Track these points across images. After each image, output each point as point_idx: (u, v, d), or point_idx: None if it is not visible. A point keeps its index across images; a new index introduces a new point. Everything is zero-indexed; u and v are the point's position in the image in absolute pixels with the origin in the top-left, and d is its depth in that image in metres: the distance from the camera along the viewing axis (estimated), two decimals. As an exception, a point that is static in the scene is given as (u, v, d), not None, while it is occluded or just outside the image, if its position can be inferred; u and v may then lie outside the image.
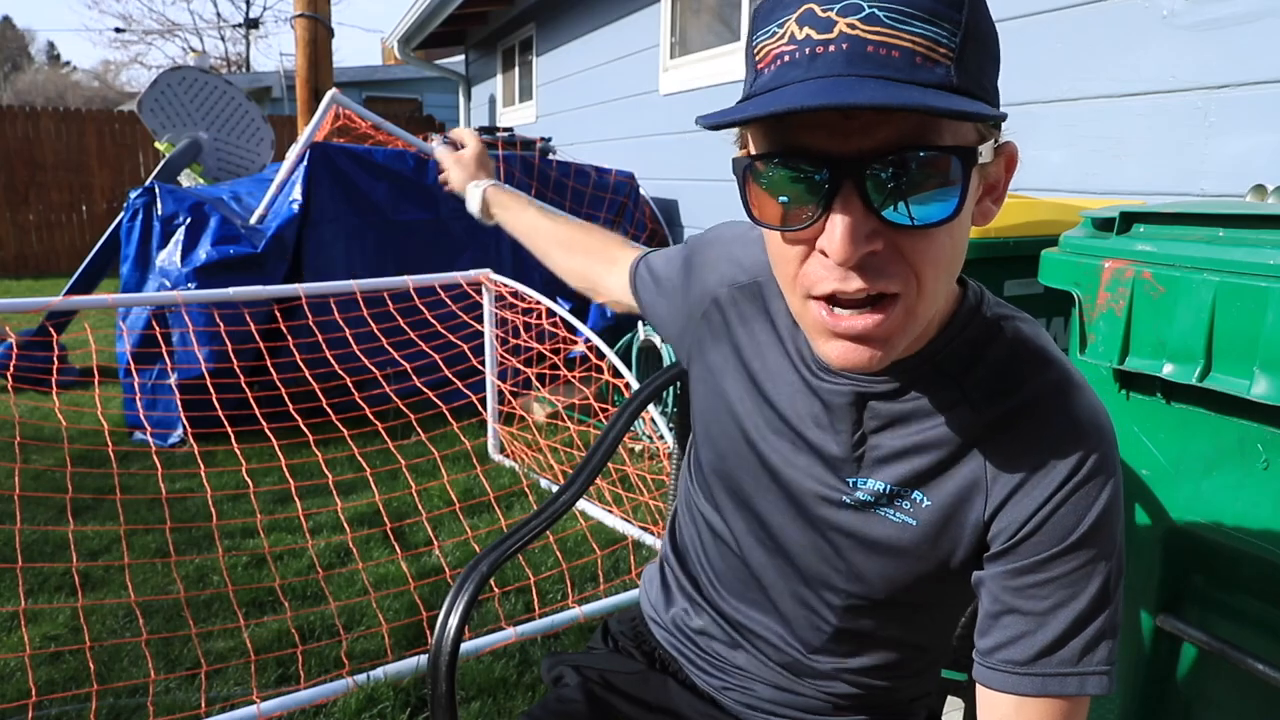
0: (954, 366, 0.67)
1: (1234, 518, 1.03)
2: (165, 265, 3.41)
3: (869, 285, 0.56)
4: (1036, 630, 0.63)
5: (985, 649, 0.66)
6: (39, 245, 9.07)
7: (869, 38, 0.51)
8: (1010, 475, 0.65)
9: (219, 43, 24.50)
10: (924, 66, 0.52)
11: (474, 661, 1.89)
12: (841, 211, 0.54)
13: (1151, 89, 2.06)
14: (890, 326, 0.58)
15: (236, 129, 5.03)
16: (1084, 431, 0.64)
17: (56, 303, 2.34)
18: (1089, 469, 0.63)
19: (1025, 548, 0.64)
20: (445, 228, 3.93)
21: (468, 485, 2.88)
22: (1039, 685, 0.63)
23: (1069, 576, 0.63)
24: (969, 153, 0.54)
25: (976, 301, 0.69)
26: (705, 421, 0.83)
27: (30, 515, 2.66)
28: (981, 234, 1.49)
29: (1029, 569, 0.64)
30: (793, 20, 0.53)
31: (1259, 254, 0.96)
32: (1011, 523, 0.64)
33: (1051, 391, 0.65)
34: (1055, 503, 0.63)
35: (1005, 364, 0.67)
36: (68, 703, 1.75)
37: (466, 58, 9.17)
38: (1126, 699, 1.21)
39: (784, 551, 0.77)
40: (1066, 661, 0.63)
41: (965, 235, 0.60)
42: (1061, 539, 0.63)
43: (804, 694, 0.82)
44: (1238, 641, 1.06)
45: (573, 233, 1.08)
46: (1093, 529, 0.63)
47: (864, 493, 0.71)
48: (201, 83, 4.88)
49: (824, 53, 0.52)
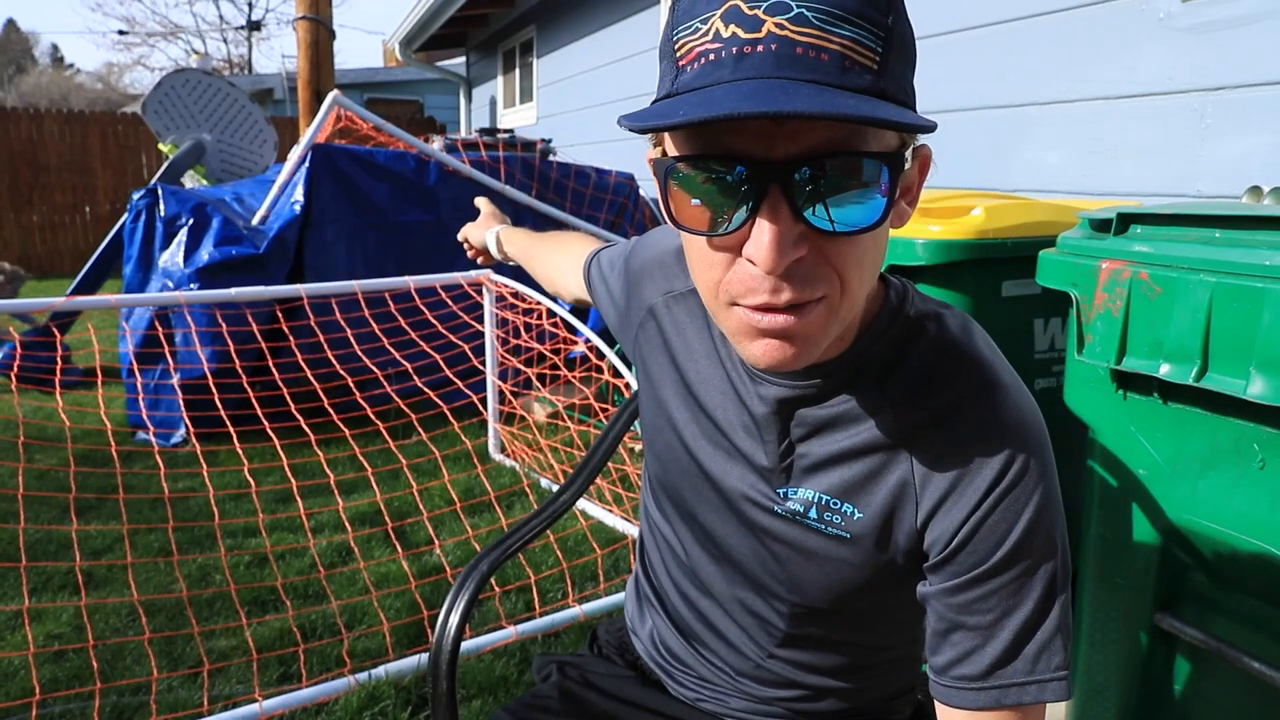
0: (876, 369, 0.66)
1: (1231, 517, 1.04)
2: (168, 266, 3.42)
3: (796, 295, 0.55)
4: (985, 644, 0.62)
5: (938, 667, 0.65)
6: (42, 246, 9.09)
7: (798, 39, 0.49)
8: (938, 482, 0.63)
9: (221, 45, 24.54)
10: (852, 71, 0.50)
11: (475, 660, 1.89)
12: (769, 218, 0.52)
13: (1148, 91, 2.07)
14: (812, 326, 0.57)
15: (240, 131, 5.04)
16: (1008, 434, 0.62)
17: (60, 303, 2.35)
18: (1014, 474, 0.61)
19: (961, 559, 0.63)
20: (446, 228, 3.94)
21: (468, 485, 2.89)
22: (995, 698, 0.62)
23: (1009, 587, 0.62)
24: (895, 158, 0.53)
25: (899, 300, 0.67)
26: (649, 432, 0.83)
27: (34, 514, 2.66)
28: (979, 235, 1.50)
29: (968, 584, 0.63)
30: (717, 16, 0.51)
31: (1255, 255, 0.97)
32: (944, 532, 0.63)
33: (974, 393, 0.63)
34: (984, 510, 0.62)
35: (928, 365, 0.65)
36: (71, 701, 1.76)
37: (467, 59, 9.18)
38: (1123, 697, 1.21)
39: (729, 560, 0.77)
40: (1020, 671, 0.62)
41: (886, 238, 0.60)
42: (994, 549, 0.62)
43: (773, 700, 0.82)
44: (1234, 640, 1.06)
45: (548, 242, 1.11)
46: (1025, 535, 0.61)
47: (795, 502, 0.70)
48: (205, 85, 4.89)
49: (751, 53, 0.50)
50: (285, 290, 2.58)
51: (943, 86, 2.70)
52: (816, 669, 0.79)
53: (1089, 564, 1.23)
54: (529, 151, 4.53)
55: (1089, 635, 1.25)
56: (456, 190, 3.95)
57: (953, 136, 2.65)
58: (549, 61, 6.62)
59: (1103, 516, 1.21)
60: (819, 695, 0.81)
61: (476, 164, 4.08)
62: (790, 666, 0.79)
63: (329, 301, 3.05)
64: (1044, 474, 0.63)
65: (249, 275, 3.34)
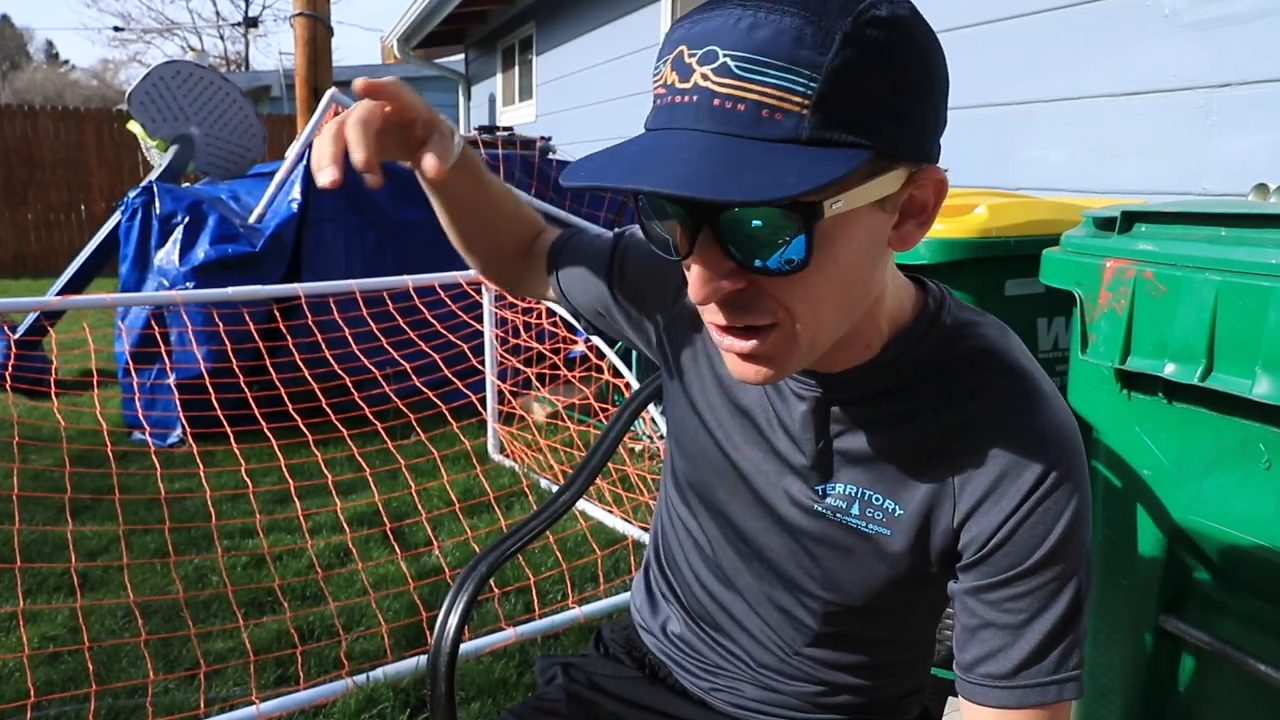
0: (913, 374, 0.67)
1: (1236, 518, 1.03)
2: (164, 265, 3.41)
3: (734, 320, 0.57)
4: (1014, 643, 0.64)
5: (965, 663, 0.67)
6: (37, 244, 9.07)
7: (716, 90, 0.51)
8: (976, 484, 0.65)
9: (218, 41, 24.53)
10: (770, 120, 0.50)
11: (474, 662, 1.89)
12: (699, 256, 0.55)
13: (1152, 88, 2.06)
14: (774, 348, 0.58)
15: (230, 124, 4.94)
16: (1050, 442, 0.64)
17: (56, 302, 2.34)
18: (1054, 480, 0.63)
19: (996, 560, 0.65)
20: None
21: (468, 485, 2.88)
22: (1020, 697, 0.64)
23: (1043, 590, 0.64)
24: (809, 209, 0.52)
25: (936, 308, 0.68)
26: (677, 430, 0.83)
27: (29, 515, 2.65)
28: (982, 233, 1.49)
29: (1002, 583, 0.65)
30: (669, 62, 0.54)
31: (1261, 253, 0.96)
32: (981, 533, 0.65)
33: (1016, 401, 0.65)
34: (1022, 514, 0.63)
35: (967, 372, 0.66)
36: (66, 703, 1.75)
37: (466, 57, 9.17)
38: (1128, 699, 1.21)
39: (760, 557, 0.78)
40: (1044, 671, 0.64)
41: (853, 268, 0.58)
42: (1031, 552, 0.64)
43: (791, 693, 0.83)
44: (1239, 642, 1.06)
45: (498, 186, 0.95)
46: (1061, 541, 0.63)
47: (835, 498, 0.71)
48: (196, 77, 4.78)
49: (680, 103, 0.53)
50: (282, 289, 2.57)
51: (943, 84, 2.69)
52: (839, 666, 0.80)
53: (1093, 565, 1.22)
54: (528, 149, 4.52)
55: (1093, 636, 1.24)
56: (455, 188, 3.94)
57: (955, 134, 2.64)
58: (548, 59, 6.61)
59: (1107, 517, 1.20)
60: (836, 691, 0.82)
61: (475, 162, 4.06)
62: (815, 664, 0.80)
63: (327, 301, 3.04)
64: (1080, 482, 0.65)
65: (245, 274, 3.33)
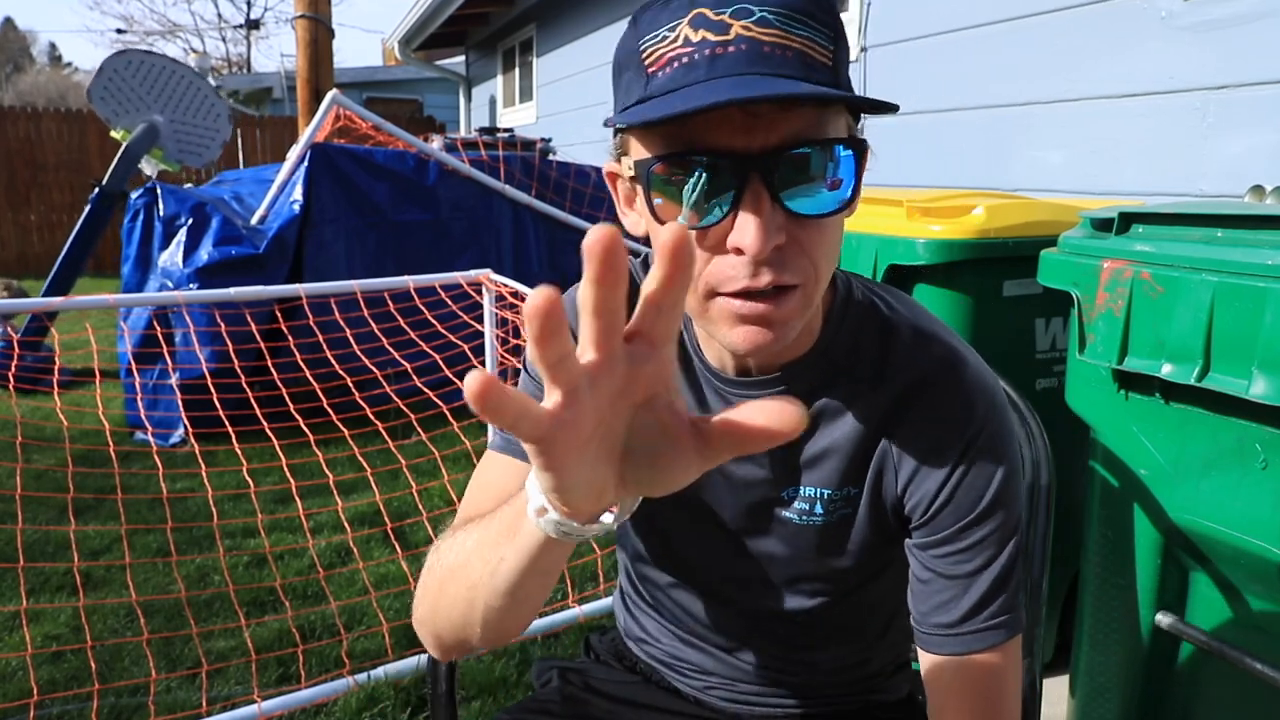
0: (843, 357, 0.69)
1: (1233, 517, 1.04)
2: (167, 266, 3.42)
3: (776, 278, 0.58)
4: (964, 594, 0.68)
5: (919, 615, 0.70)
6: (40, 245, 9.08)
7: (764, 39, 0.54)
8: (913, 451, 0.68)
9: (220, 44, 24.50)
10: (815, 66, 0.55)
11: (474, 661, 1.89)
12: (751, 207, 0.55)
13: (1150, 90, 2.07)
14: (789, 311, 0.60)
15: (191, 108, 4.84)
16: (975, 404, 0.67)
17: (58, 303, 2.34)
18: (985, 438, 0.67)
19: (940, 520, 0.68)
20: (445, 228, 3.93)
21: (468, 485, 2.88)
22: (968, 643, 0.68)
23: (985, 541, 0.67)
24: (861, 144, 0.58)
25: (847, 289, 0.71)
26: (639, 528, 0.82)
27: (31, 515, 2.66)
28: (980, 234, 1.49)
29: (947, 539, 0.68)
30: (685, 24, 0.55)
31: (1257, 254, 0.97)
32: (923, 497, 0.68)
33: (940, 367, 0.68)
34: (959, 474, 0.67)
35: (890, 345, 0.69)
36: (69, 702, 1.75)
37: (467, 58, 9.18)
38: (1125, 697, 1.21)
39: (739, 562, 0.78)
40: (989, 616, 0.67)
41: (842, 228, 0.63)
42: (971, 508, 0.67)
43: (785, 683, 0.84)
44: (1236, 640, 1.06)
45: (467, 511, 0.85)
46: (998, 495, 0.67)
47: (801, 500, 0.72)
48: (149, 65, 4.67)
49: (723, 54, 0.54)
50: (284, 290, 2.58)
51: (944, 85, 2.70)
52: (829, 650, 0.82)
53: (1091, 564, 1.23)
54: (529, 151, 4.52)
55: (1090, 635, 1.25)
56: (456, 190, 3.95)
57: (954, 136, 2.65)
58: (549, 60, 6.62)
59: (1104, 517, 1.20)
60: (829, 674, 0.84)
61: (476, 163, 4.07)
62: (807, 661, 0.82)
63: (328, 301, 3.04)
64: (1007, 438, 0.69)
65: (248, 275, 3.34)
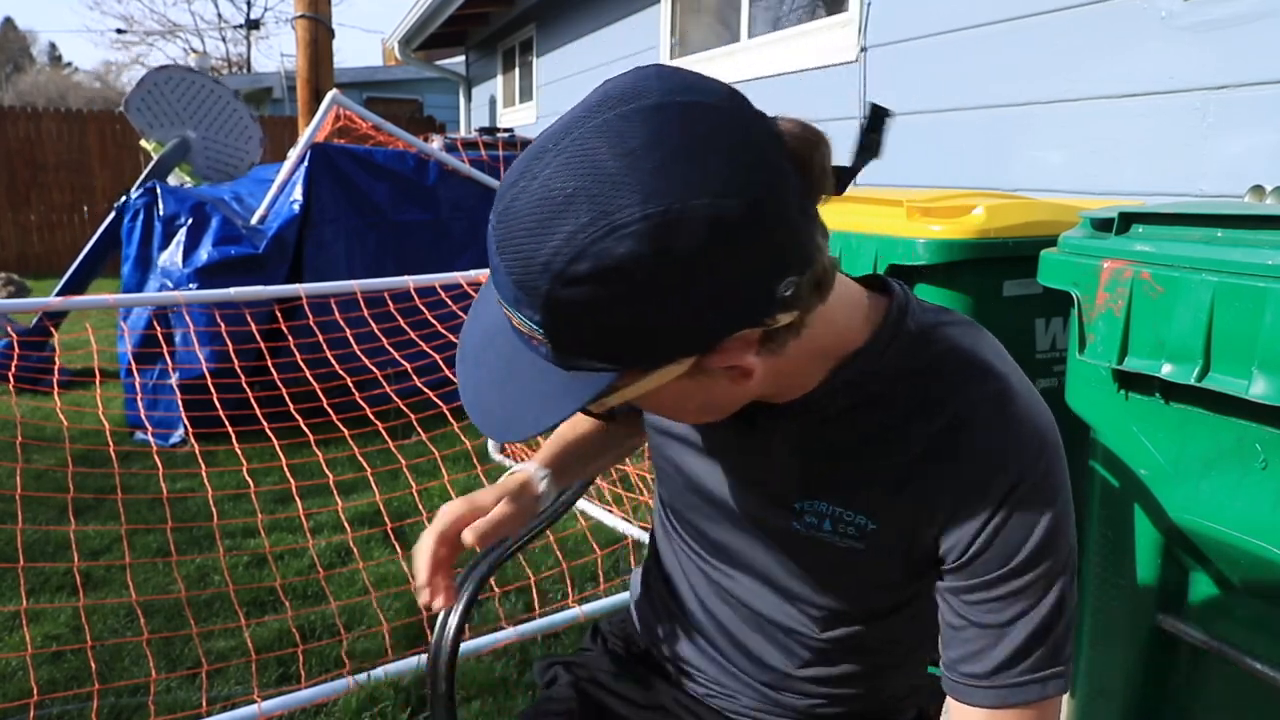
0: (880, 387, 0.65)
1: (1233, 518, 1.03)
2: (167, 266, 3.42)
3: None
4: (996, 644, 0.63)
5: (949, 661, 0.66)
6: (40, 245, 9.08)
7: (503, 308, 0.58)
8: (953, 493, 0.63)
9: (220, 44, 24.49)
10: (533, 343, 0.56)
11: (474, 661, 1.89)
12: None
13: (1150, 90, 2.06)
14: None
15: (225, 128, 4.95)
16: (1024, 445, 0.62)
17: (59, 303, 2.35)
18: (1033, 481, 0.62)
19: (978, 565, 0.63)
20: (445, 228, 3.93)
21: (468, 485, 2.88)
22: (1001, 697, 0.63)
23: (1025, 592, 0.62)
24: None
25: (900, 314, 0.66)
26: (656, 455, 0.84)
27: (31, 515, 2.66)
28: (980, 234, 1.49)
29: (984, 585, 0.63)
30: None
31: (1257, 254, 0.97)
32: (960, 540, 0.64)
33: (987, 404, 0.63)
34: (999, 521, 0.62)
35: (936, 378, 0.65)
36: (69, 702, 1.75)
37: (467, 58, 9.18)
38: (1125, 699, 1.21)
39: (750, 571, 0.78)
40: (1026, 670, 0.63)
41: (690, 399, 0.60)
42: (1010, 557, 0.62)
43: (788, 699, 0.82)
44: (1237, 641, 1.06)
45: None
46: (1043, 543, 0.62)
47: (810, 515, 0.70)
48: (189, 82, 4.80)
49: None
50: (284, 290, 2.58)
51: (944, 85, 2.70)
52: (837, 678, 0.80)
53: (1090, 565, 1.23)
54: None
55: (1091, 636, 1.24)
56: (456, 190, 3.95)
57: (954, 136, 2.65)
58: (549, 60, 6.62)
59: (1104, 517, 1.20)
60: (835, 702, 0.82)
61: (476, 163, 4.07)
62: (812, 683, 0.80)
63: (328, 301, 3.04)
64: (1058, 482, 0.63)
65: (248, 275, 3.34)
